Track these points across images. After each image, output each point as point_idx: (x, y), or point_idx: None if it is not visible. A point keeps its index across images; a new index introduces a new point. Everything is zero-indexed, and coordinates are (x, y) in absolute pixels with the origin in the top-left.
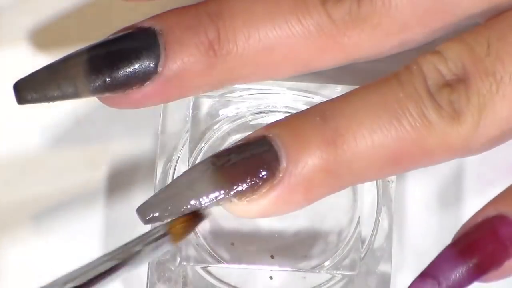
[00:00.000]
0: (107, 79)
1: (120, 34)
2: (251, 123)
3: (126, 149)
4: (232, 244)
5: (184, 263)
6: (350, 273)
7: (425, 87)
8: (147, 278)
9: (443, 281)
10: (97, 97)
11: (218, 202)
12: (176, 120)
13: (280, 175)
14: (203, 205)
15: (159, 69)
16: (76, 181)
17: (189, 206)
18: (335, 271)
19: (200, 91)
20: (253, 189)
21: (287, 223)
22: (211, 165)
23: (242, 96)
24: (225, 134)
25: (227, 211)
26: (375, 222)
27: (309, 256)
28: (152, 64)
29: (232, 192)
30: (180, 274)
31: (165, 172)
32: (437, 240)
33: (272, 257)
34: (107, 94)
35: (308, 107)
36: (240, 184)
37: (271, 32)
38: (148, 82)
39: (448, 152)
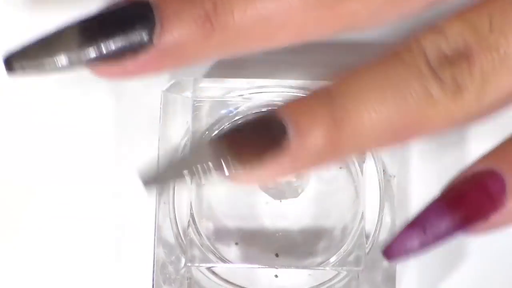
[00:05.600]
0: (102, 49)
1: (116, 5)
2: None
3: (127, 152)
4: (237, 243)
5: (189, 264)
6: (356, 269)
7: (427, 64)
8: (153, 280)
9: (429, 230)
10: (90, 69)
11: (223, 169)
12: (177, 122)
13: (286, 147)
14: (210, 170)
15: (155, 40)
16: (76, 184)
17: (194, 170)
18: (340, 268)
19: (195, 62)
20: (258, 157)
21: (290, 221)
22: (218, 135)
23: (242, 95)
24: None
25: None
26: (378, 217)
27: (314, 253)
28: (147, 35)
29: (237, 159)
30: (185, 275)
31: None
32: None
33: (276, 255)
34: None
35: None
36: (245, 152)
37: (269, 3)
38: (142, 53)
39: (451, 123)
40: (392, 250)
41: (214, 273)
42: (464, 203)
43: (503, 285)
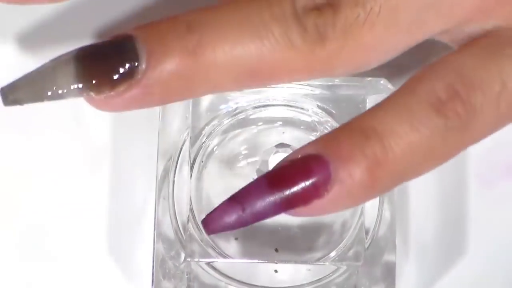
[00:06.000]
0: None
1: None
2: (251, 117)
3: (127, 148)
4: (236, 238)
5: (189, 259)
6: (355, 263)
7: (293, 9)
8: (152, 275)
9: (247, 207)
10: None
11: (76, 94)
12: (176, 117)
13: (139, 77)
14: (63, 95)
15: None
16: (77, 180)
17: (49, 94)
18: (340, 263)
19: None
20: (111, 85)
21: (290, 216)
22: (74, 57)
23: (241, 90)
24: (226, 129)
25: None
26: (378, 212)
27: (314, 248)
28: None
29: (91, 86)
30: (185, 271)
31: (166, 170)
32: (439, 230)
33: (276, 250)
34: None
35: (308, 100)
36: (98, 79)
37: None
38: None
39: (308, 72)
40: (210, 223)
41: (213, 268)
42: (286, 185)
43: (502, 281)
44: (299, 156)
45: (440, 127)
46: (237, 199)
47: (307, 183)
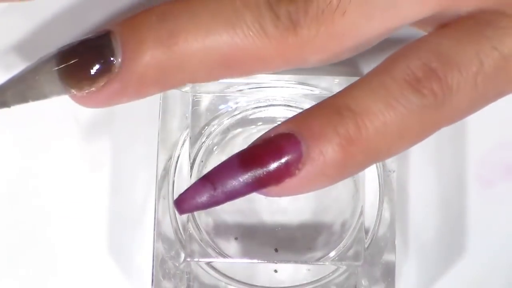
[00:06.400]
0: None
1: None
2: (250, 117)
3: (127, 148)
4: (236, 238)
5: (189, 259)
6: (355, 263)
7: None
8: (152, 275)
9: (219, 187)
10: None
11: (59, 92)
12: (176, 117)
13: (116, 71)
14: (46, 94)
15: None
16: (77, 179)
17: (33, 94)
18: (339, 262)
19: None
20: (90, 81)
21: (290, 216)
22: (54, 56)
23: (241, 90)
24: (225, 129)
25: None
26: (377, 212)
27: (313, 248)
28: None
29: (71, 84)
30: (185, 270)
31: (166, 169)
32: (439, 230)
33: (276, 250)
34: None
35: (307, 100)
36: (78, 76)
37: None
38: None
39: (282, 61)
40: (182, 203)
41: (213, 268)
42: (258, 164)
43: (501, 281)
44: (272, 135)
45: (416, 105)
46: (209, 178)
47: (279, 162)
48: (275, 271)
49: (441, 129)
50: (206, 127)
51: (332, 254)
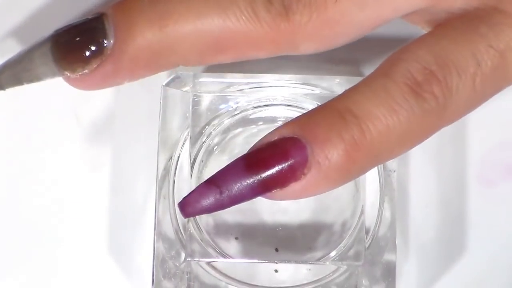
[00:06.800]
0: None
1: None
2: (251, 116)
3: (127, 148)
4: (236, 238)
5: (189, 259)
6: (355, 263)
7: None
8: (152, 275)
9: (225, 190)
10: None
11: (52, 74)
12: (176, 117)
13: (108, 53)
14: (40, 76)
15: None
16: (77, 179)
17: (27, 76)
18: (340, 262)
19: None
20: (83, 63)
21: (290, 215)
22: (49, 38)
23: (241, 90)
24: (226, 129)
25: None
26: (378, 212)
27: (314, 248)
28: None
29: (64, 65)
30: (185, 270)
31: (166, 169)
32: (439, 230)
33: (276, 250)
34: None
35: (308, 99)
36: (71, 58)
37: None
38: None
39: (273, 46)
40: (187, 206)
41: (214, 267)
42: (263, 168)
43: (502, 281)
44: (276, 138)
45: (418, 109)
46: (214, 182)
47: (284, 166)
48: (276, 271)
49: (441, 129)
50: (207, 127)
51: (333, 254)
